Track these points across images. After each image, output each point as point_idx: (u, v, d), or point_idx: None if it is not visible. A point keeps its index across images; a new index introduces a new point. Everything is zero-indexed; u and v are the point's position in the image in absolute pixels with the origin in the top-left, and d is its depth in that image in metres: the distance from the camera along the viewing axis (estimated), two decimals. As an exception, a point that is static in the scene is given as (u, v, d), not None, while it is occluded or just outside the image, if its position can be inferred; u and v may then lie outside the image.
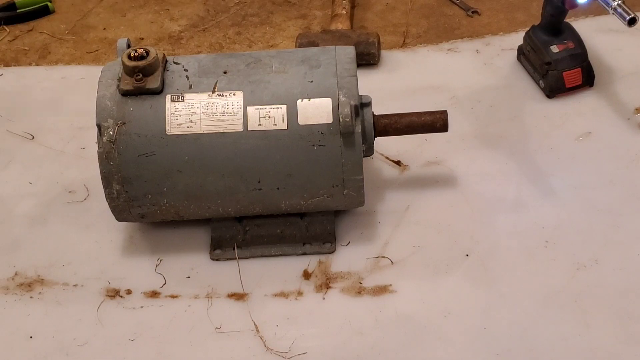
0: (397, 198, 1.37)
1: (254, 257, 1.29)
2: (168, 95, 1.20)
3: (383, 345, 1.15)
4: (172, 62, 1.24)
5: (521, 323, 1.16)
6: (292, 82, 1.20)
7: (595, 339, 1.13)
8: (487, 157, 1.43)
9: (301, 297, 1.23)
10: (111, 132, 1.18)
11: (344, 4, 1.79)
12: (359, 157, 1.20)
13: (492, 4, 1.83)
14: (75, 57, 1.79)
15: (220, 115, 1.18)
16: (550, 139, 1.45)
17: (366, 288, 1.23)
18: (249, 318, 1.20)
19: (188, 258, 1.30)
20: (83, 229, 1.36)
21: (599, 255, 1.24)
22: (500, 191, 1.36)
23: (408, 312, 1.19)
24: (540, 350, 1.13)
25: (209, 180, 1.20)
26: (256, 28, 1.84)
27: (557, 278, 1.22)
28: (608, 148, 1.42)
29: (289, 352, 1.15)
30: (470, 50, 1.68)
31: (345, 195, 1.23)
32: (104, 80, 1.22)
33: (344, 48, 1.25)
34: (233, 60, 1.24)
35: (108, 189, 1.20)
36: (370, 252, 1.28)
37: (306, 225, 1.31)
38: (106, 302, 1.24)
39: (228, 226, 1.31)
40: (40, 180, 1.47)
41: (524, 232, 1.29)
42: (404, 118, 1.29)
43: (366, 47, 1.64)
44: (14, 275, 1.30)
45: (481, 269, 1.24)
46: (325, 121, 1.18)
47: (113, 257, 1.31)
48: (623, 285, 1.20)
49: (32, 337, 1.20)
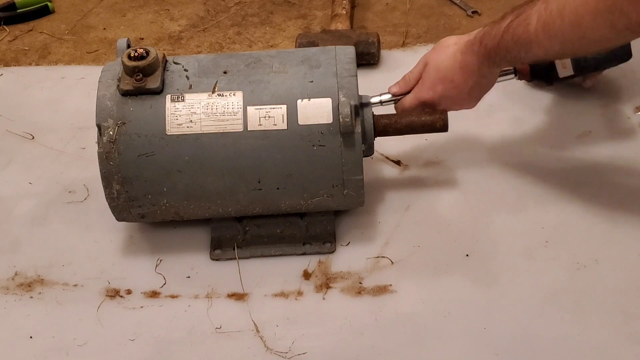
0: (397, 198, 1.37)
1: (254, 257, 1.29)
2: (168, 95, 1.20)
3: (383, 345, 1.15)
4: (172, 62, 1.24)
5: (521, 323, 1.16)
6: (292, 82, 1.20)
7: (595, 339, 1.13)
8: (487, 156, 1.43)
9: (301, 297, 1.23)
10: (111, 132, 1.18)
11: (344, 4, 1.79)
12: (359, 157, 1.20)
13: (492, 4, 1.83)
14: (75, 57, 1.80)
15: (220, 115, 1.18)
16: (550, 137, 1.45)
17: (366, 288, 1.23)
18: (249, 318, 1.20)
19: (188, 258, 1.30)
20: (83, 229, 1.36)
21: (599, 255, 1.24)
22: (500, 191, 1.36)
23: (408, 312, 1.19)
24: (540, 350, 1.13)
25: (209, 180, 1.20)
26: (256, 28, 1.84)
27: (557, 278, 1.22)
28: (608, 147, 1.42)
29: (289, 352, 1.15)
30: (470, 50, 1.68)
31: (345, 195, 1.23)
32: (104, 80, 1.22)
33: (344, 48, 1.25)
34: (233, 60, 1.24)
35: (108, 189, 1.20)
36: (370, 252, 1.28)
37: (306, 225, 1.31)
38: (106, 302, 1.24)
39: (228, 226, 1.31)
40: (40, 180, 1.47)
41: (524, 232, 1.29)
42: (404, 118, 1.29)
43: (366, 47, 1.64)
44: (14, 275, 1.30)
45: (481, 269, 1.24)
46: (325, 121, 1.18)
47: (113, 257, 1.31)
48: (623, 285, 1.20)
49: (32, 337, 1.20)
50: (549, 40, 1.07)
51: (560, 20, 1.03)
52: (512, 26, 1.11)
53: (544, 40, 1.07)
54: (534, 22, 1.07)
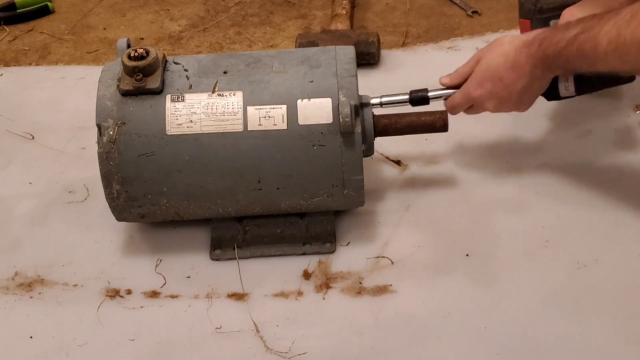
0: (397, 198, 1.37)
1: (254, 257, 1.29)
2: (168, 95, 1.20)
3: (383, 345, 1.15)
4: (172, 62, 1.24)
5: (521, 323, 1.16)
6: (292, 82, 1.20)
7: (595, 339, 1.13)
8: (487, 156, 1.43)
9: (301, 297, 1.23)
10: (111, 132, 1.18)
11: (344, 4, 1.79)
12: (359, 157, 1.20)
13: (492, 4, 1.83)
14: (75, 57, 1.80)
15: (220, 115, 1.18)
16: (551, 137, 1.45)
17: (366, 288, 1.23)
18: (249, 318, 1.20)
19: (188, 258, 1.30)
20: (83, 229, 1.36)
21: (599, 255, 1.24)
22: (500, 191, 1.36)
23: (408, 312, 1.19)
24: (540, 350, 1.13)
25: (209, 180, 1.20)
26: (256, 28, 1.84)
27: (557, 278, 1.22)
28: (608, 146, 1.42)
29: (289, 352, 1.15)
30: (470, 49, 1.67)
31: (345, 195, 1.23)
32: (104, 80, 1.22)
33: (344, 48, 1.25)
34: (233, 60, 1.24)
35: (108, 189, 1.20)
36: (370, 252, 1.28)
37: (306, 225, 1.31)
38: (106, 302, 1.24)
39: (228, 226, 1.31)
40: (40, 180, 1.47)
41: (524, 232, 1.29)
42: (404, 118, 1.29)
43: (366, 47, 1.64)
44: (14, 275, 1.30)
45: (481, 269, 1.24)
46: (325, 121, 1.18)
47: (113, 257, 1.31)
48: (623, 285, 1.20)
49: (32, 337, 1.20)
50: (621, 64, 1.09)
51: (636, 50, 1.05)
52: (578, 39, 1.12)
53: (613, 61, 1.09)
54: (604, 44, 1.08)
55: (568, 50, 1.14)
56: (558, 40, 1.16)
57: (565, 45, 1.14)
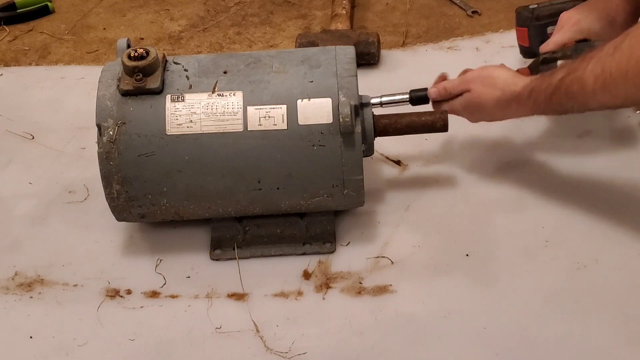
0: (397, 198, 1.37)
1: (254, 257, 1.29)
2: (168, 95, 1.20)
3: (383, 345, 1.15)
4: (172, 62, 1.24)
5: (521, 323, 1.16)
6: (292, 82, 1.20)
7: (595, 339, 1.13)
8: (487, 156, 1.43)
9: (301, 297, 1.23)
10: (111, 132, 1.18)
11: (344, 4, 1.79)
12: (359, 157, 1.20)
13: (492, 4, 1.83)
14: (75, 57, 1.80)
15: (220, 115, 1.18)
16: (551, 137, 1.45)
17: (366, 288, 1.23)
18: (249, 318, 1.20)
19: (188, 258, 1.30)
20: (83, 229, 1.36)
21: (599, 255, 1.24)
22: (500, 191, 1.36)
23: (408, 312, 1.19)
24: (540, 350, 1.13)
25: (209, 180, 1.20)
26: (256, 28, 1.84)
27: (557, 278, 1.22)
28: (608, 147, 1.42)
29: (289, 352, 1.15)
30: (470, 49, 1.68)
31: (345, 195, 1.23)
32: (104, 80, 1.22)
33: (344, 48, 1.25)
34: (233, 60, 1.24)
35: (108, 189, 1.20)
36: (370, 252, 1.28)
37: (306, 225, 1.31)
38: (106, 302, 1.24)
39: (228, 226, 1.31)
40: (40, 180, 1.47)
41: (524, 232, 1.29)
42: (404, 118, 1.29)
43: (366, 47, 1.64)
44: (14, 275, 1.30)
45: (481, 269, 1.24)
46: (325, 121, 1.18)
47: (113, 257, 1.31)
48: (623, 285, 1.20)
49: (32, 337, 1.20)
50: (611, 98, 1.10)
51: (623, 81, 1.05)
52: (565, 83, 1.14)
53: (602, 97, 1.10)
54: (591, 82, 1.09)
55: (557, 94, 1.15)
56: (546, 87, 1.17)
57: (553, 91, 1.16)
